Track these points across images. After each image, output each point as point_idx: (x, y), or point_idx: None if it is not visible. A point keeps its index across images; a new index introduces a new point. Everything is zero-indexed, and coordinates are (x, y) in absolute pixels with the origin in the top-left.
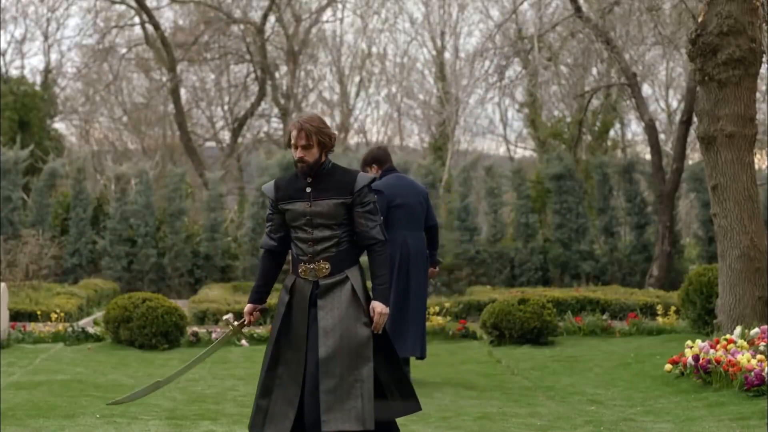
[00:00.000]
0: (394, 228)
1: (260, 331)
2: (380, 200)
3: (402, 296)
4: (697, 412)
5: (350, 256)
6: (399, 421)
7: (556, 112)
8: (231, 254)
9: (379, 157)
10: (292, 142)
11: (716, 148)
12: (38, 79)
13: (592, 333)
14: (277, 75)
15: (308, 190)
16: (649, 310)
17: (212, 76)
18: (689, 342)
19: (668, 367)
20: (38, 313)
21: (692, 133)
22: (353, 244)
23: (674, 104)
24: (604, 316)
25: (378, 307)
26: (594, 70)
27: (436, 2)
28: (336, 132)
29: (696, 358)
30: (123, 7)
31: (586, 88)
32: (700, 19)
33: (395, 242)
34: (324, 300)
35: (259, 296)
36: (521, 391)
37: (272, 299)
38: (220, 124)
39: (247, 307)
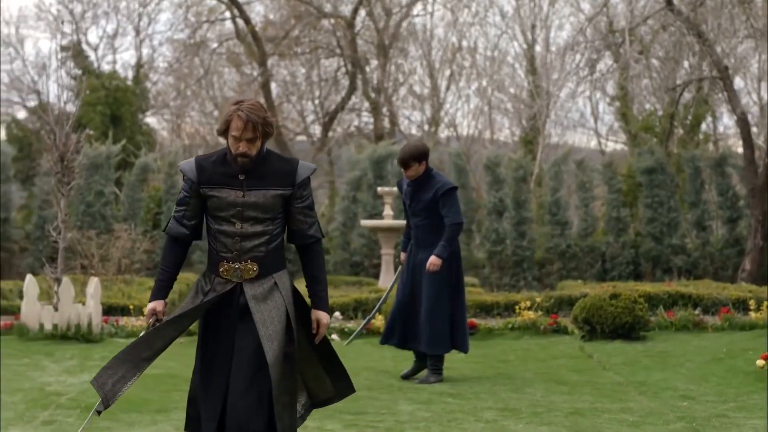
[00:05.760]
0: None
1: None
2: (455, 197)
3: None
4: None
5: (279, 258)
6: (488, 415)
7: (647, 106)
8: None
9: (428, 153)
10: (235, 134)
11: None
12: (130, 74)
13: (684, 328)
14: (367, 69)
15: (241, 177)
16: (741, 305)
17: (303, 71)
18: None
19: (761, 362)
20: (130, 307)
21: None
22: (282, 244)
23: (766, 97)
24: (696, 311)
25: (324, 318)
26: (685, 64)
27: None
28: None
29: None
30: (214, 2)
31: (678, 82)
32: None
33: None
34: (258, 307)
35: (165, 292)
36: (613, 386)
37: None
38: (310, 118)
39: (157, 304)
